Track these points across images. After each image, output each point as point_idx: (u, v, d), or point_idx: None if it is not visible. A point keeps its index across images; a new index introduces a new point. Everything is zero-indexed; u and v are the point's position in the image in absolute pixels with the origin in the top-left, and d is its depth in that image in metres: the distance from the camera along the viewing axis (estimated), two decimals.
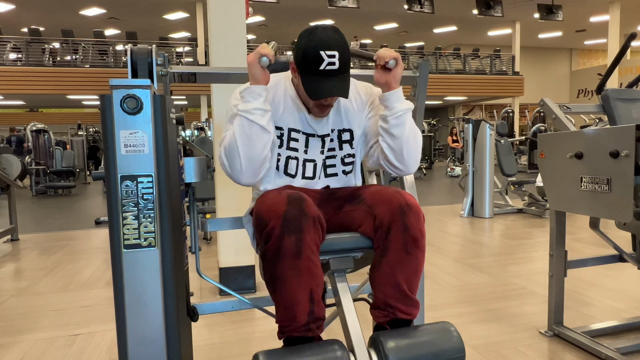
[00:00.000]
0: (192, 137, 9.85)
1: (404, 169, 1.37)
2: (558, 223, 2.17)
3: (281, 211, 1.19)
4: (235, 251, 2.93)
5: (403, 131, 1.32)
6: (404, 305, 1.28)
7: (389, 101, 1.33)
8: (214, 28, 2.79)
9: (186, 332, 1.41)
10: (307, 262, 1.19)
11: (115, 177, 1.14)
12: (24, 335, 2.38)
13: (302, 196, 1.24)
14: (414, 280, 1.28)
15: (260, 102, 1.27)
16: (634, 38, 2.18)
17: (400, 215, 1.24)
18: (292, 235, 1.17)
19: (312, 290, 1.21)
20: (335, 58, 1.23)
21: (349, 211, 1.36)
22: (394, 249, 1.25)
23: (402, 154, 1.34)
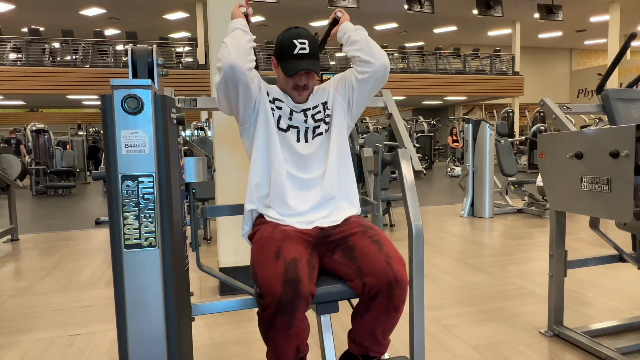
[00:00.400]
0: (192, 137, 9.85)
1: (375, 60, 1.56)
2: (558, 223, 2.18)
3: (277, 292, 1.27)
4: (236, 251, 2.93)
5: (363, 35, 1.60)
6: (377, 348, 1.49)
7: (344, 29, 1.65)
8: (214, 28, 2.79)
9: (186, 332, 1.41)
10: (296, 329, 1.32)
11: (116, 177, 1.14)
12: (24, 335, 2.38)
13: (297, 275, 1.30)
14: (389, 331, 1.46)
15: (241, 23, 1.54)
16: (634, 38, 2.18)
17: (387, 289, 1.36)
18: (285, 316, 1.28)
19: (299, 346, 1.38)
20: (305, 44, 1.53)
21: (340, 263, 1.45)
22: (376, 311, 1.40)
23: (369, 47, 1.57)
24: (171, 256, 1.20)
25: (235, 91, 1.46)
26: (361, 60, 1.57)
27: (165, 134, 1.18)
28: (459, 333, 2.28)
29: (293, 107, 1.60)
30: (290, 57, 1.52)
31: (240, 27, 1.53)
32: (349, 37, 1.62)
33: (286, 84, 1.58)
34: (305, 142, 1.58)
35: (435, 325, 2.39)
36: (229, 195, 2.89)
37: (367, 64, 1.56)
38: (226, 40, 1.47)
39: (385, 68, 1.57)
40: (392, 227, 5.07)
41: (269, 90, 1.61)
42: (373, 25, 16.84)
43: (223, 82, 1.44)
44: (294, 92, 1.58)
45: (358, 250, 1.43)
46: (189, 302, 1.50)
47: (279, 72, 1.59)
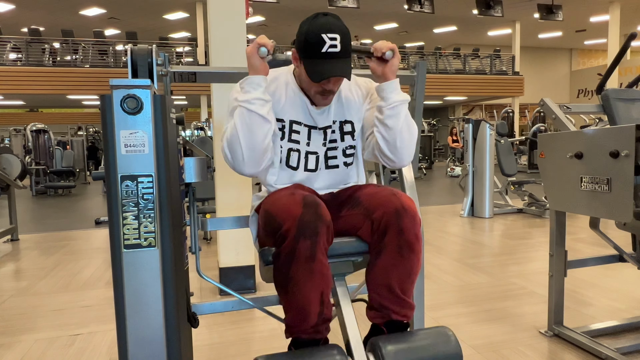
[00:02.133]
0: (192, 137, 9.85)
1: (397, 160, 1.37)
2: (558, 223, 2.17)
3: (297, 214, 1.19)
4: (236, 251, 2.93)
5: (397, 122, 1.32)
6: (399, 307, 1.30)
7: (384, 92, 1.34)
8: (214, 28, 2.79)
9: (186, 332, 1.41)
10: (320, 265, 1.20)
11: (115, 177, 1.14)
12: (24, 335, 2.38)
13: (316, 200, 1.25)
14: (407, 283, 1.30)
15: (259, 92, 1.28)
16: (634, 38, 2.18)
17: (395, 219, 1.25)
18: (308, 239, 1.18)
19: (323, 292, 1.24)
20: (336, 41, 1.24)
21: (347, 215, 1.36)
22: (388, 252, 1.27)
23: (396, 145, 1.34)
24: (171, 256, 1.20)
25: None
26: (382, 152, 1.37)
27: (164, 134, 1.18)
28: (459, 333, 2.28)
29: (312, 124, 1.42)
30: (317, 57, 1.25)
31: (258, 102, 1.26)
32: (383, 112, 1.33)
33: (309, 87, 1.35)
34: (321, 170, 1.45)
35: (435, 325, 2.39)
36: (229, 196, 2.89)
37: (386, 159, 1.38)
38: (238, 125, 1.25)
39: (402, 167, 1.43)
40: None
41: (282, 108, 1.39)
42: (373, 25, 16.85)
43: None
44: (318, 98, 1.36)
45: (363, 196, 1.36)
46: (190, 307, 1.50)
47: (302, 71, 1.32)
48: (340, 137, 1.45)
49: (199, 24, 14.52)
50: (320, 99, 1.36)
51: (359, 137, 1.49)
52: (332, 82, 1.32)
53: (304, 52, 1.28)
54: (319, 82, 1.28)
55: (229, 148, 1.29)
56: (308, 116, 1.41)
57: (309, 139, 1.42)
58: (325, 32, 1.24)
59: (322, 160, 1.45)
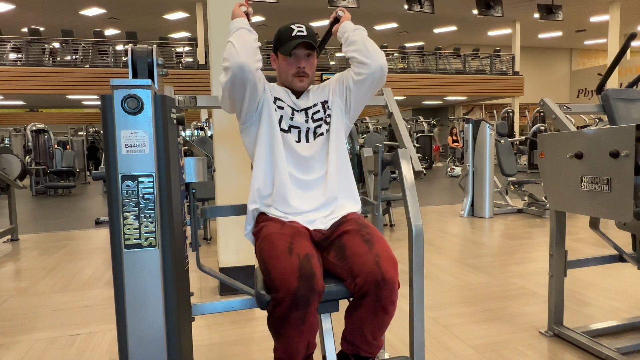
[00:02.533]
0: (192, 137, 9.85)
1: (371, 61, 1.54)
2: (558, 223, 2.17)
3: (292, 287, 1.27)
4: (236, 251, 2.93)
5: (361, 35, 1.58)
6: (367, 348, 1.47)
7: (344, 28, 1.63)
8: (214, 28, 2.79)
9: (186, 332, 1.41)
10: (309, 325, 1.32)
11: (116, 177, 1.14)
12: (24, 335, 2.38)
13: (312, 268, 1.31)
14: (379, 332, 1.45)
15: (245, 23, 1.54)
16: (634, 38, 2.18)
17: (375, 289, 1.35)
18: (300, 310, 1.28)
19: (310, 341, 1.38)
20: (303, 28, 1.57)
21: (333, 264, 1.45)
22: (364, 310, 1.39)
23: (367, 48, 1.55)
24: (171, 256, 1.20)
25: (242, 91, 1.46)
26: (358, 61, 1.56)
27: (165, 134, 1.18)
28: (459, 333, 2.28)
29: (294, 107, 1.60)
30: (288, 40, 1.54)
31: (245, 26, 1.53)
32: (347, 37, 1.60)
33: (287, 73, 1.59)
34: (307, 143, 1.58)
35: (435, 325, 2.39)
36: (229, 196, 2.88)
37: (363, 65, 1.55)
38: (232, 39, 1.46)
39: (381, 70, 1.55)
40: (392, 227, 5.07)
41: (271, 89, 1.61)
42: (373, 25, 16.84)
43: (230, 82, 1.43)
44: (294, 80, 1.58)
45: (349, 250, 1.42)
46: (189, 302, 1.50)
47: (280, 64, 1.60)
48: (323, 111, 1.64)
49: (199, 24, 14.51)
50: (297, 82, 1.59)
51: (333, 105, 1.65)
52: (304, 61, 1.57)
53: (278, 42, 1.58)
54: (290, 52, 1.53)
55: (225, 54, 1.44)
56: (290, 101, 1.62)
57: (292, 115, 1.60)
58: (293, 25, 1.58)
59: (305, 134, 1.60)
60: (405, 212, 1.62)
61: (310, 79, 1.62)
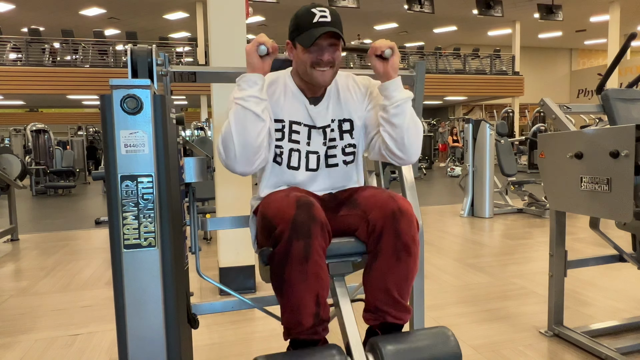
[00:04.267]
0: (192, 137, 9.85)
1: (406, 157, 1.37)
2: (558, 223, 2.17)
3: (290, 215, 1.19)
4: (235, 251, 2.93)
5: (403, 120, 1.33)
6: (395, 310, 1.30)
7: (387, 90, 1.34)
8: (214, 28, 2.79)
9: (186, 331, 1.41)
10: (314, 267, 1.20)
11: (115, 177, 1.14)
12: (24, 335, 2.38)
13: (310, 200, 1.24)
14: (404, 286, 1.29)
15: (255, 89, 1.28)
16: (634, 38, 2.18)
17: (392, 222, 1.25)
18: (301, 240, 1.18)
19: (319, 294, 1.23)
20: (326, 13, 1.30)
21: (345, 215, 1.36)
22: (385, 254, 1.26)
23: (404, 142, 1.34)
24: (171, 256, 1.20)
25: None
26: (390, 150, 1.37)
27: (164, 134, 1.18)
28: (459, 333, 2.28)
29: (311, 123, 1.42)
30: (309, 27, 1.29)
31: (252, 99, 1.27)
32: (388, 110, 1.34)
33: (305, 65, 1.34)
34: (315, 170, 1.45)
35: (435, 325, 2.39)
36: (229, 196, 2.88)
37: (395, 157, 1.38)
38: (232, 126, 1.25)
39: (411, 163, 1.43)
40: None
41: (281, 109, 1.40)
42: (373, 25, 16.85)
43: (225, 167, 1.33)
44: (315, 73, 1.33)
45: (361, 197, 1.36)
46: (190, 308, 1.50)
47: (297, 54, 1.35)
48: (340, 136, 1.45)
49: (199, 24, 14.52)
50: (318, 75, 1.34)
51: (359, 135, 1.48)
52: (327, 51, 1.32)
53: (297, 30, 1.33)
54: (311, 44, 1.28)
55: (222, 145, 1.29)
56: (307, 116, 1.42)
57: (309, 139, 1.42)
58: (314, 7, 1.31)
59: (323, 159, 1.45)
60: None
61: (334, 72, 1.37)
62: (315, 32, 1.28)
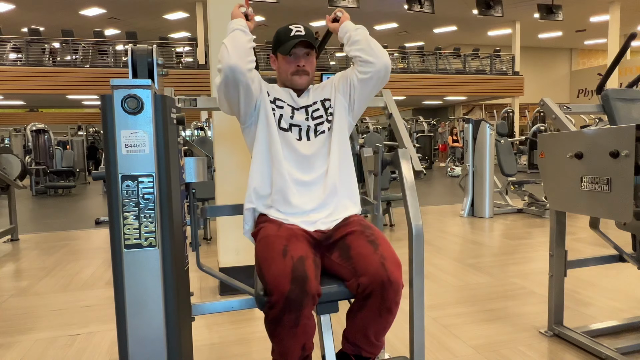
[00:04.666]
0: (192, 137, 9.85)
1: (376, 60, 1.56)
2: (558, 223, 2.17)
3: (285, 290, 1.27)
4: (236, 251, 2.93)
5: (362, 35, 1.60)
6: (369, 348, 1.48)
7: (343, 30, 1.65)
8: (214, 28, 2.79)
9: (186, 332, 1.41)
10: (303, 327, 1.32)
11: (116, 177, 1.14)
12: (24, 335, 2.38)
13: (305, 273, 1.30)
14: (382, 333, 1.46)
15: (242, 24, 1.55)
16: (634, 38, 2.18)
17: (380, 290, 1.35)
18: (293, 313, 1.28)
19: (305, 343, 1.38)
20: (301, 28, 1.59)
21: (337, 264, 1.45)
22: (369, 311, 1.39)
23: (370, 46, 1.57)
24: (171, 256, 1.20)
25: (236, 92, 1.47)
26: (362, 60, 1.58)
27: (165, 134, 1.18)
28: (459, 333, 2.28)
29: (294, 105, 1.61)
30: (287, 40, 1.57)
31: (240, 27, 1.54)
32: (350, 37, 1.61)
33: (286, 72, 1.60)
34: (307, 141, 1.58)
35: (435, 325, 2.39)
36: (229, 196, 2.88)
37: (369, 64, 1.57)
38: (225, 41, 1.47)
39: (386, 68, 1.58)
40: (392, 227, 5.07)
41: (269, 90, 1.61)
42: (373, 25, 16.84)
43: (224, 84, 1.45)
44: (294, 78, 1.60)
45: (354, 250, 1.42)
46: (189, 302, 1.50)
47: (280, 64, 1.62)
48: (323, 110, 1.65)
49: (199, 24, 14.52)
50: (297, 79, 1.60)
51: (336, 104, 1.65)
52: (303, 59, 1.58)
53: (277, 43, 1.60)
54: (289, 51, 1.55)
55: (219, 56, 1.45)
56: (291, 99, 1.63)
57: (292, 114, 1.60)
58: (291, 25, 1.61)
59: (306, 132, 1.60)
60: (405, 212, 1.62)
61: (310, 77, 1.63)
62: (292, 42, 1.55)
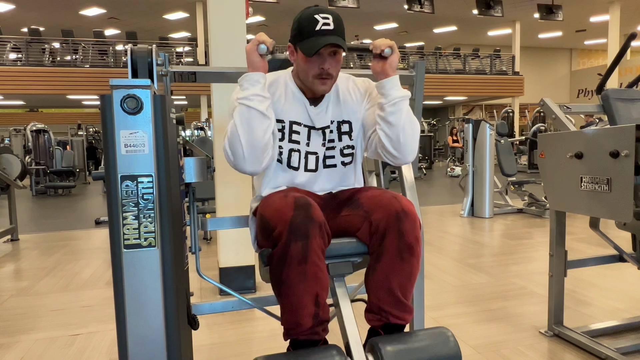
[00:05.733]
0: (192, 137, 9.85)
1: (401, 157, 1.37)
2: (558, 223, 2.17)
3: (288, 217, 1.19)
4: (235, 251, 2.93)
5: (399, 118, 1.33)
6: (397, 311, 1.30)
7: (385, 88, 1.35)
8: (214, 28, 2.79)
9: (186, 331, 1.41)
10: (313, 267, 1.20)
11: (115, 177, 1.14)
12: (24, 335, 2.38)
13: (308, 201, 1.24)
14: (407, 286, 1.29)
15: (258, 88, 1.29)
16: (634, 38, 2.18)
17: (395, 222, 1.25)
18: (299, 242, 1.18)
19: (318, 294, 1.23)
20: (329, 20, 1.29)
21: (346, 215, 1.36)
22: (388, 255, 1.26)
23: (399, 141, 1.34)
24: (171, 256, 1.20)
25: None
26: (385, 149, 1.37)
27: (164, 134, 1.18)
28: (459, 333, 2.28)
29: (311, 124, 1.43)
30: (311, 35, 1.29)
31: (256, 98, 1.28)
32: (385, 108, 1.34)
33: (306, 73, 1.35)
34: (314, 171, 1.46)
35: (435, 325, 2.39)
36: (229, 196, 2.88)
37: (390, 156, 1.38)
38: (237, 122, 1.26)
39: (406, 164, 1.44)
40: None
41: (282, 109, 1.41)
42: (373, 25, 16.85)
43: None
44: (316, 82, 1.35)
45: (363, 197, 1.35)
46: (190, 309, 1.50)
47: (299, 60, 1.36)
48: (338, 137, 1.47)
49: (199, 24, 14.51)
50: (319, 84, 1.36)
51: (357, 137, 1.49)
52: (328, 61, 1.32)
53: (299, 36, 1.32)
54: (313, 54, 1.28)
55: (229, 146, 1.29)
56: (307, 116, 1.43)
57: (309, 139, 1.43)
58: (317, 13, 1.30)
59: (321, 160, 1.46)
60: None
61: (334, 81, 1.39)
62: (317, 42, 1.28)
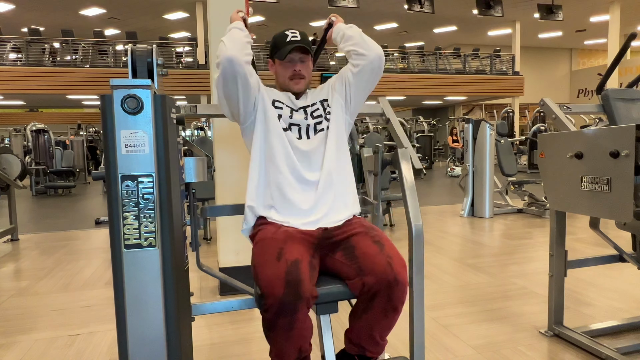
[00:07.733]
0: (192, 137, 9.85)
1: (369, 51, 1.60)
2: (558, 223, 2.17)
3: (279, 294, 1.27)
4: (235, 251, 2.93)
5: (354, 31, 1.66)
6: (374, 348, 1.49)
7: (336, 32, 1.71)
8: (214, 28, 2.79)
9: (186, 332, 1.41)
10: (298, 330, 1.33)
11: (115, 177, 1.14)
12: (24, 335, 2.38)
13: (299, 276, 1.29)
14: (386, 332, 1.47)
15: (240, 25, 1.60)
16: (634, 38, 2.18)
17: (386, 290, 1.36)
18: (287, 317, 1.29)
19: (301, 346, 1.38)
20: (297, 33, 1.63)
21: (341, 262, 1.45)
22: (375, 311, 1.40)
23: (363, 40, 1.62)
24: (171, 256, 1.20)
25: (235, 86, 1.47)
26: (356, 53, 1.62)
27: (165, 134, 1.18)
28: (459, 333, 2.28)
29: (293, 106, 1.63)
30: (283, 45, 1.60)
31: (237, 26, 1.60)
32: (343, 34, 1.67)
33: (283, 77, 1.64)
34: (307, 139, 1.59)
35: (435, 325, 2.39)
36: (229, 196, 2.88)
37: (362, 56, 1.61)
38: (224, 38, 1.52)
39: (379, 58, 1.61)
40: (392, 227, 5.07)
41: (268, 92, 1.63)
42: (373, 25, 16.84)
43: (222, 77, 1.46)
44: (291, 83, 1.63)
45: (359, 250, 1.42)
46: (189, 302, 1.50)
47: (277, 68, 1.66)
48: (322, 109, 1.67)
49: (199, 24, 14.51)
50: (293, 85, 1.63)
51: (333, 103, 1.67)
52: (299, 63, 1.62)
53: (275, 48, 1.65)
54: (285, 56, 1.59)
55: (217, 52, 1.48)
56: (289, 101, 1.65)
57: (291, 114, 1.61)
58: (287, 30, 1.65)
59: (312, 129, 1.62)
60: (405, 212, 1.62)
61: (306, 81, 1.66)
62: (288, 47, 1.59)
